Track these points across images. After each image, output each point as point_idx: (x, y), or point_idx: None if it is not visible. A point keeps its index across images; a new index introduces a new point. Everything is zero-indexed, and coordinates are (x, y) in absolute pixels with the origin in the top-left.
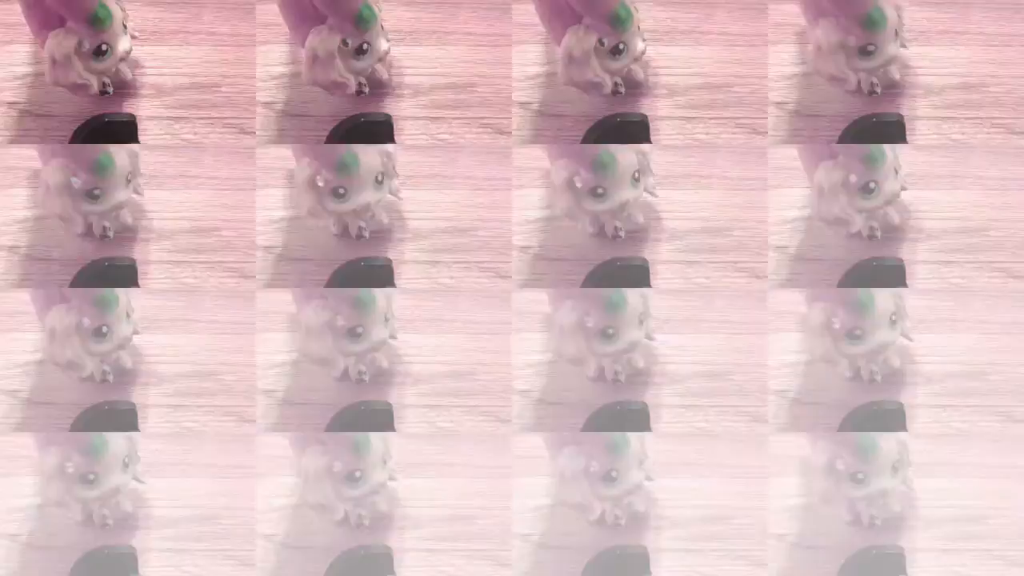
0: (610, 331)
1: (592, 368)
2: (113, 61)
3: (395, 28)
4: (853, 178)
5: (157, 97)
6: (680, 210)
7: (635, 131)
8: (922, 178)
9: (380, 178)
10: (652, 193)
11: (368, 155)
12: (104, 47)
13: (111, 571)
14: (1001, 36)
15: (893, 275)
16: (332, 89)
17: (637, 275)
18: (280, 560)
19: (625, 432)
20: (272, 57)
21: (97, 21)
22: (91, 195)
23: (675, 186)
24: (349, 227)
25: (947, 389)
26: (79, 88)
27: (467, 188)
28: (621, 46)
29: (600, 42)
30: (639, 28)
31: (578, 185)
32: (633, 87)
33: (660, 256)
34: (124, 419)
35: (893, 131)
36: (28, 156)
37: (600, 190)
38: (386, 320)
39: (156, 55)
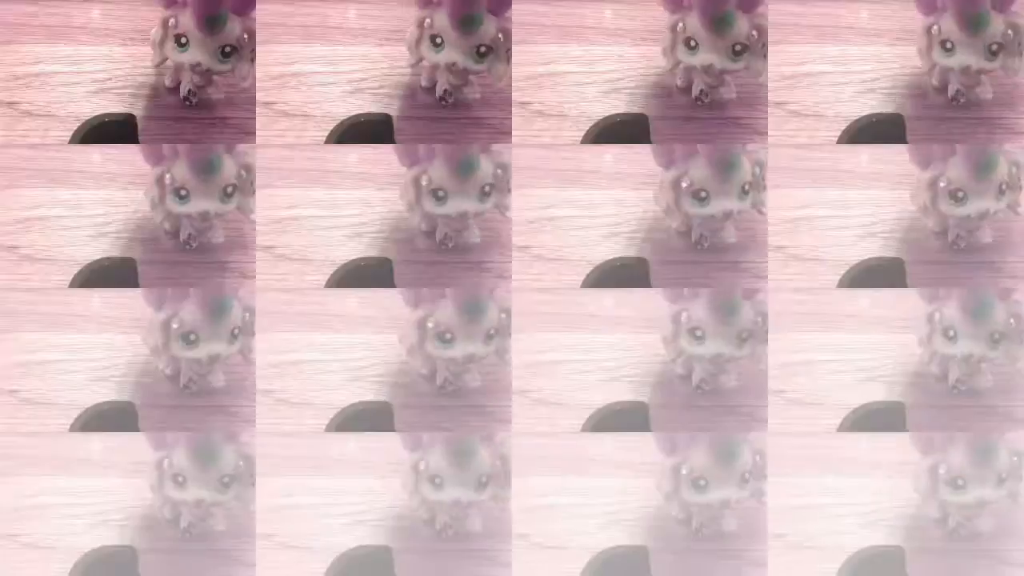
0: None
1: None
2: (187, 58)
3: (396, 28)
4: (943, 183)
5: (156, 96)
6: None
7: (635, 131)
8: None
9: (488, 189)
10: (760, 210)
11: (485, 162)
12: (184, 40)
13: (111, 571)
14: None
15: (893, 275)
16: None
17: (637, 275)
18: (280, 560)
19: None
20: (272, 57)
21: (212, 21)
22: (178, 194)
23: None
24: (437, 232)
25: (945, 389)
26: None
27: None
28: (739, 47)
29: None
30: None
31: (683, 185)
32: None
33: (660, 256)
34: (123, 419)
35: (892, 131)
36: (27, 156)
37: (703, 194)
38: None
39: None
